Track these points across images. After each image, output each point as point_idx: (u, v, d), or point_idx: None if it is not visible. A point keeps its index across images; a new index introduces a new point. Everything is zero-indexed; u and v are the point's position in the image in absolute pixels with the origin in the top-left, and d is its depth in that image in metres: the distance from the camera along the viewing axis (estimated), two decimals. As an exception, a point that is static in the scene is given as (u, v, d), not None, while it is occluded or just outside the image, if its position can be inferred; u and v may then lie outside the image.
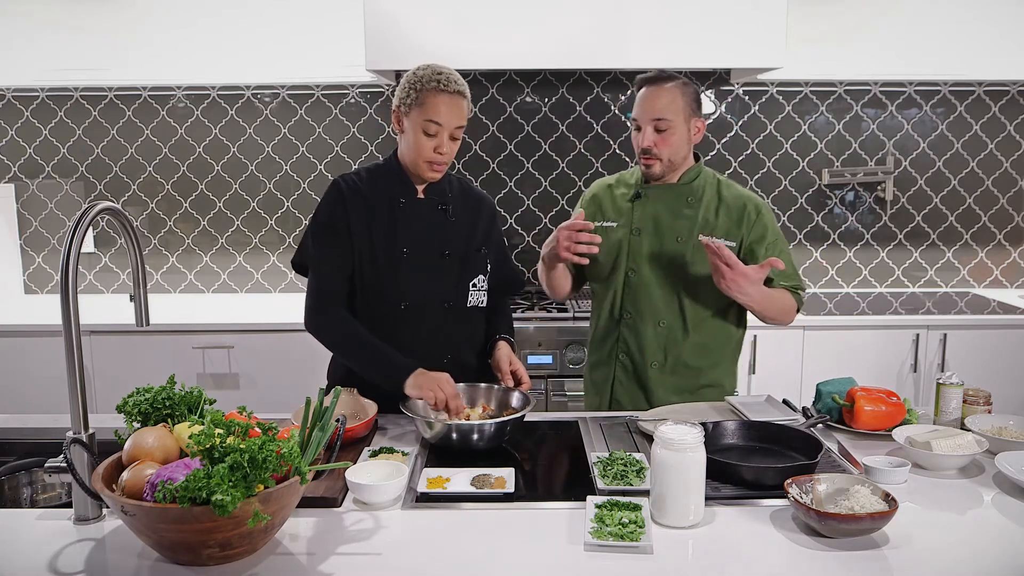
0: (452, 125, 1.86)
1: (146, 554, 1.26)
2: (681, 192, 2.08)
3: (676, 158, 2.03)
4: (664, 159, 2.02)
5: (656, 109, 1.98)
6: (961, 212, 3.65)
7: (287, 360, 3.02)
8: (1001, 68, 3.27)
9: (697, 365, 2.10)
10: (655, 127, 1.99)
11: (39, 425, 1.95)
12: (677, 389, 2.09)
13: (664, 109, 1.98)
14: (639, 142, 2.02)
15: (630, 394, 2.13)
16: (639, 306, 2.09)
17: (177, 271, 3.70)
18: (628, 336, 2.11)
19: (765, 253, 2.03)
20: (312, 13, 3.16)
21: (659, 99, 1.99)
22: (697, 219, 2.06)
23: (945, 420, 1.82)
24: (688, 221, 2.06)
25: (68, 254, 1.33)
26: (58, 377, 1.62)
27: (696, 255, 2.03)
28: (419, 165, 1.89)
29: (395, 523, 1.39)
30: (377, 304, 1.96)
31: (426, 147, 1.86)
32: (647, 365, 2.09)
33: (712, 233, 2.03)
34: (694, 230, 2.04)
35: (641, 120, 2.01)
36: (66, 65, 3.20)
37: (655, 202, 2.09)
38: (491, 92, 3.55)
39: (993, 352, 3.10)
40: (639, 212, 2.09)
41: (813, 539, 1.31)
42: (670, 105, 1.98)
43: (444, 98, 1.84)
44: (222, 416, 1.29)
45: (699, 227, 2.04)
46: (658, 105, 1.98)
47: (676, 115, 1.99)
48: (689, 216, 2.06)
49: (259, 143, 3.60)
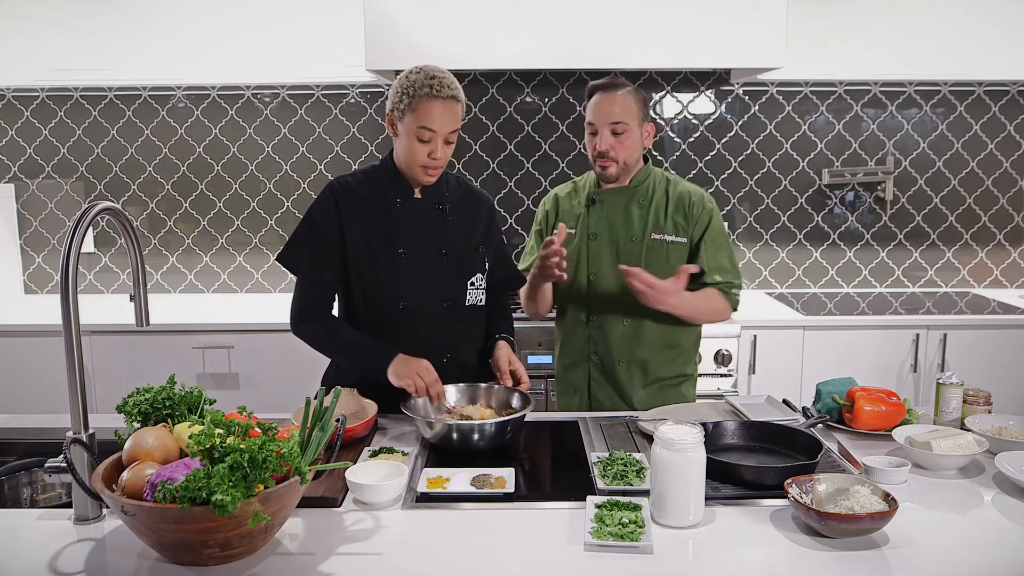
0: (446, 130, 1.85)
1: (146, 554, 1.26)
2: (633, 194, 2.16)
3: (631, 160, 2.11)
4: (620, 161, 2.09)
5: (612, 113, 2.06)
6: (961, 212, 3.65)
7: (287, 360, 3.02)
8: (1001, 68, 3.27)
9: (662, 358, 2.17)
10: (612, 130, 2.07)
11: (39, 425, 1.95)
12: (645, 383, 2.18)
13: (620, 113, 2.06)
14: (595, 145, 2.09)
15: (605, 391, 2.19)
16: (604, 308, 2.16)
17: (177, 271, 3.70)
18: (597, 337, 2.18)
19: (704, 246, 2.11)
20: (312, 13, 3.16)
21: (614, 103, 2.06)
22: (648, 218, 2.13)
23: (945, 420, 1.82)
24: (641, 221, 2.14)
25: (68, 254, 1.33)
26: (58, 377, 1.62)
27: (650, 253, 2.12)
28: (414, 170, 1.89)
29: (395, 523, 1.39)
30: (376, 305, 1.96)
31: (420, 153, 1.86)
32: (615, 363, 2.17)
33: (663, 231, 2.11)
34: (647, 229, 2.13)
35: (598, 123, 2.08)
36: (66, 65, 3.20)
37: (609, 206, 2.17)
38: (491, 92, 3.55)
39: (993, 352, 3.10)
40: (594, 217, 2.17)
41: (813, 539, 1.31)
42: (625, 109, 2.06)
43: (437, 104, 1.82)
44: (222, 416, 1.29)
45: (651, 226, 2.13)
46: (614, 109, 2.06)
47: (631, 119, 2.07)
48: (641, 216, 2.14)
49: (259, 143, 3.60)
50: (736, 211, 3.63)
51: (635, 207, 2.15)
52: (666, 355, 2.18)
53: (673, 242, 2.12)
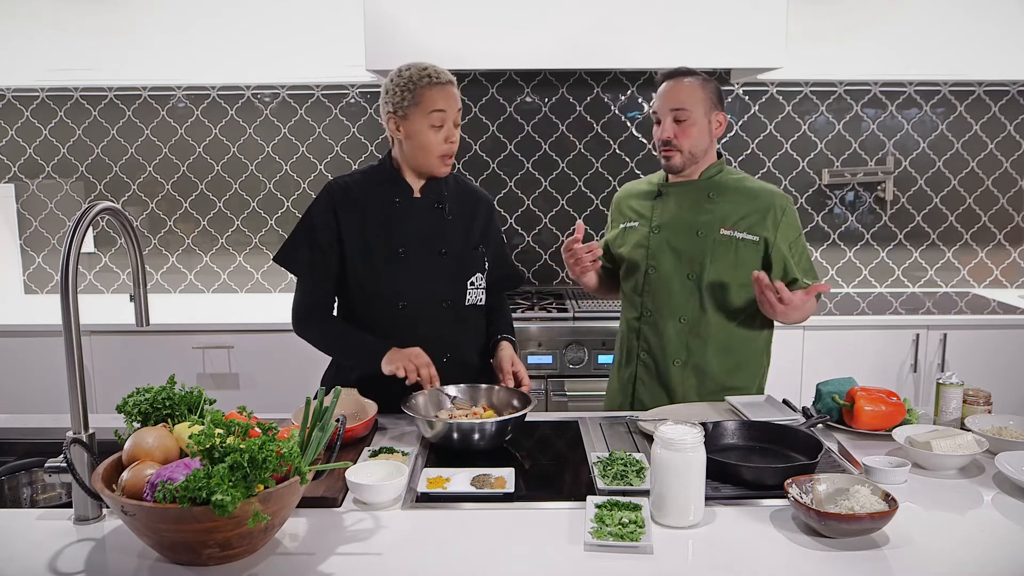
0: (454, 112, 1.89)
1: (146, 554, 1.26)
2: (702, 188, 2.08)
3: (696, 150, 2.04)
4: (684, 151, 2.03)
5: (675, 100, 2.01)
6: (961, 212, 3.65)
7: (287, 360, 3.02)
8: (1001, 68, 3.27)
9: (720, 366, 2.08)
10: (675, 118, 2.01)
11: (39, 425, 1.95)
12: (700, 391, 2.08)
13: (683, 100, 2.01)
14: (659, 135, 2.04)
15: (652, 394, 2.12)
16: (659, 303, 2.09)
17: (177, 271, 3.70)
18: (649, 334, 2.11)
19: (790, 251, 2.05)
20: (312, 13, 3.16)
21: (679, 91, 2.02)
22: (718, 214, 2.05)
23: (945, 420, 1.82)
24: (709, 216, 2.05)
25: (68, 254, 1.33)
26: (58, 377, 1.62)
27: (717, 251, 2.03)
28: (432, 163, 1.90)
29: (395, 523, 1.39)
30: (375, 305, 1.96)
31: (436, 141, 1.88)
32: (669, 364, 2.09)
33: (734, 227, 2.03)
34: (714, 225, 2.04)
35: (661, 112, 2.03)
36: (66, 65, 3.20)
37: (675, 199, 2.10)
38: (491, 92, 3.55)
39: (993, 352, 3.10)
40: (659, 209, 2.11)
41: (813, 539, 1.31)
42: (689, 96, 2.01)
43: (440, 89, 1.86)
44: (222, 416, 1.29)
45: (720, 221, 2.04)
46: (678, 96, 2.01)
47: (696, 106, 2.01)
48: (710, 211, 2.06)
49: (259, 143, 3.60)
50: (736, 211, 3.63)
51: (704, 201, 2.06)
52: (727, 362, 2.08)
53: (743, 239, 2.03)
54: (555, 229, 3.65)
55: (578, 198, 3.62)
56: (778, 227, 2.04)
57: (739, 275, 2.03)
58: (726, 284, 2.04)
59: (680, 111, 2.00)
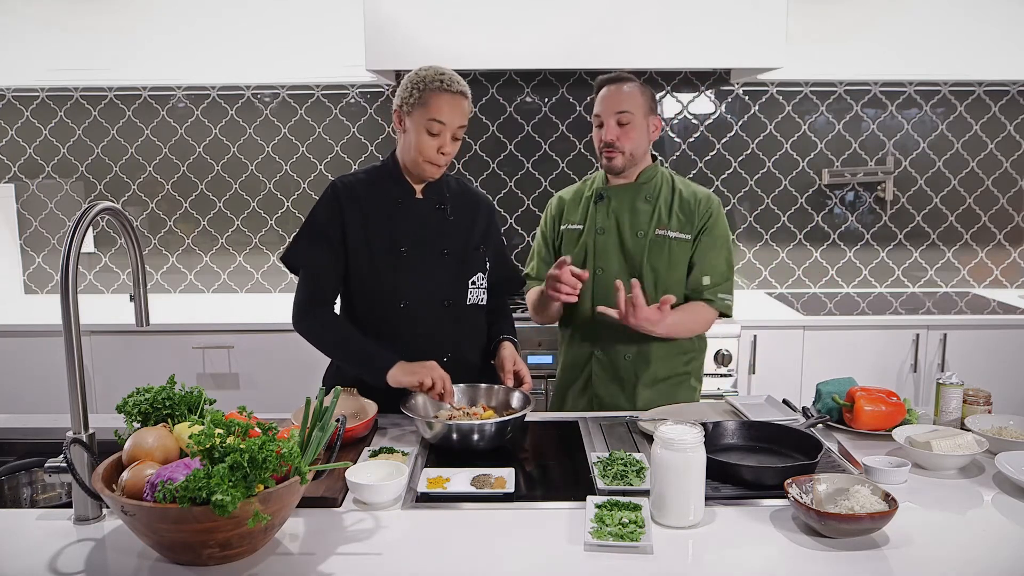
0: (455, 125, 1.87)
1: (146, 554, 1.26)
2: (640, 190, 2.16)
3: (637, 152, 2.12)
4: (626, 152, 2.10)
5: (618, 104, 2.08)
6: (961, 212, 3.65)
7: (287, 360, 3.02)
8: (1001, 68, 3.27)
9: (666, 353, 2.16)
10: (617, 120, 2.08)
11: (39, 425, 1.95)
12: (650, 380, 2.16)
13: (625, 103, 2.08)
14: (601, 137, 2.11)
15: (608, 389, 2.18)
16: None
17: (177, 271, 3.70)
18: (603, 332, 2.16)
19: (700, 244, 2.12)
20: (312, 13, 3.16)
21: (621, 95, 2.10)
22: (653, 214, 2.14)
23: (945, 420, 1.82)
24: (646, 216, 2.14)
25: (68, 254, 1.33)
26: (58, 377, 1.62)
27: (653, 249, 2.12)
28: (420, 164, 1.90)
29: (395, 523, 1.39)
30: (377, 304, 1.96)
31: (429, 147, 1.87)
32: (620, 358, 2.16)
33: (667, 228, 2.12)
34: (651, 225, 2.13)
35: (604, 115, 2.10)
36: (66, 65, 3.20)
37: (616, 201, 2.17)
38: (491, 92, 3.55)
39: (993, 352, 3.10)
40: (602, 212, 2.18)
41: (813, 539, 1.31)
42: (630, 101, 2.09)
43: (447, 98, 1.86)
44: (222, 416, 1.29)
45: (655, 221, 2.13)
46: (620, 100, 2.09)
47: (636, 110, 2.09)
48: (646, 211, 2.15)
49: (259, 143, 3.60)
50: (736, 211, 3.63)
51: (641, 203, 2.15)
52: (673, 349, 2.17)
53: (676, 239, 2.12)
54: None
55: (578, 198, 3.62)
56: (701, 226, 2.13)
57: (674, 273, 2.13)
58: (666, 280, 2.13)
59: (623, 114, 2.07)
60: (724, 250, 2.15)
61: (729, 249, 2.17)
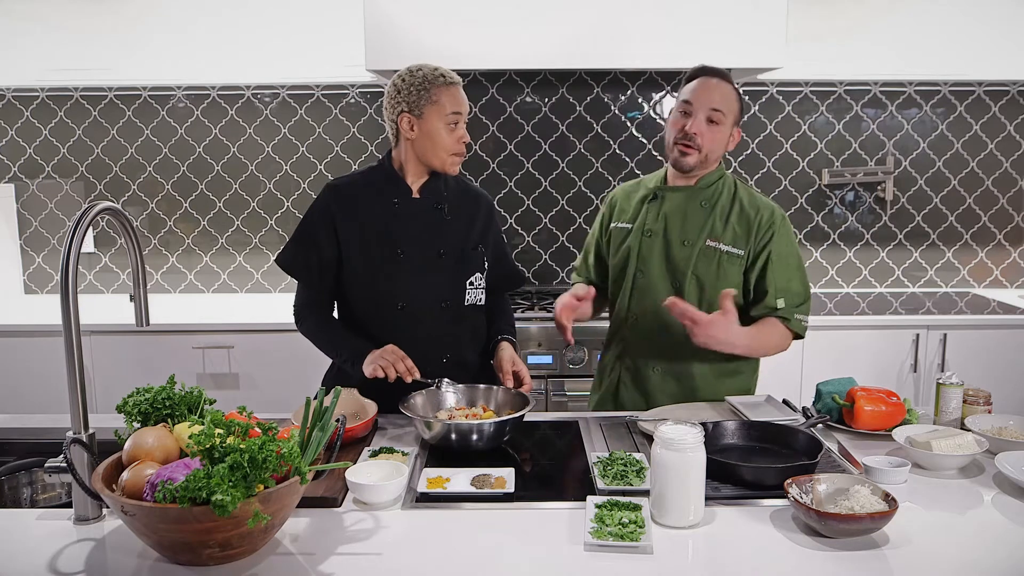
0: (466, 112, 1.93)
1: (146, 554, 1.26)
2: (697, 194, 2.03)
3: (713, 155, 1.98)
4: (703, 151, 1.95)
5: (714, 100, 1.93)
6: (961, 212, 3.65)
7: (287, 360, 3.02)
8: (1001, 68, 3.27)
9: (699, 373, 2.03)
10: (708, 116, 1.93)
11: (39, 425, 1.95)
12: (676, 398, 2.04)
13: (721, 101, 1.94)
14: (684, 126, 1.94)
15: (632, 399, 2.10)
16: (644, 308, 2.06)
17: (177, 271, 3.70)
18: (632, 339, 2.09)
19: (765, 266, 1.96)
20: (312, 13, 3.16)
21: (720, 90, 1.94)
22: (706, 223, 2.00)
23: (945, 420, 1.82)
24: (697, 224, 2.01)
25: (68, 254, 1.33)
26: (58, 377, 1.62)
27: (701, 260, 1.99)
28: (444, 160, 1.92)
29: (395, 523, 1.39)
30: (375, 306, 1.97)
31: (451, 140, 1.91)
32: (648, 370, 2.07)
33: (720, 239, 1.98)
34: (701, 233, 2.00)
35: (697, 105, 1.93)
36: (66, 65, 3.20)
37: (670, 203, 2.04)
38: (491, 92, 3.55)
39: (993, 352, 3.10)
40: (652, 213, 2.06)
41: (813, 539, 1.31)
42: (728, 101, 1.95)
43: (454, 89, 1.90)
44: (222, 416, 1.29)
45: (707, 231, 1.99)
46: (717, 96, 1.93)
47: (730, 114, 1.95)
48: (699, 219, 2.01)
49: (259, 143, 3.60)
50: (736, 211, 3.63)
51: (696, 208, 2.01)
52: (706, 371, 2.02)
53: (728, 252, 1.97)
54: (555, 229, 3.65)
55: (578, 198, 3.62)
56: (760, 241, 1.97)
57: (721, 287, 1.94)
58: (709, 295, 1.97)
59: (716, 112, 1.93)
60: (797, 270, 1.98)
61: (802, 268, 2.00)
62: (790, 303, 1.96)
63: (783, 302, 1.95)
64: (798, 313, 1.97)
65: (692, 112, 1.94)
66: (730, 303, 1.83)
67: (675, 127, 1.97)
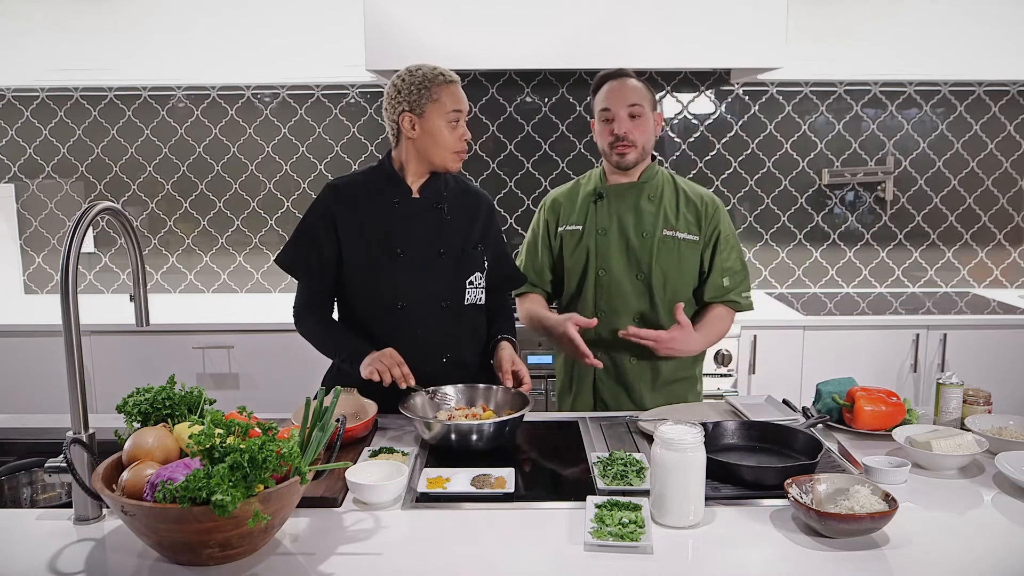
0: (466, 110, 1.94)
1: (146, 554, 1.26)
2: (642, 189, 2.13)
3: (648, 146, 2.10)
4: (639, 145, 2.07)
5: (629, 96, 2.05)
6: (961, 212, 3.65)
7: (287, 360, 3.02)
8: (1001, 68, 3.27)
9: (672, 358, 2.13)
10: (629, 113, 2.05)
11: (39, 425, 1.95)
12: (654, 382, 2.15)
13: (635, 96, 2.05)
14: (612, 131, 2.06)
15: (612, 391, 2.17)
16: (614, 303, 2.14)
17: (177, 271, 3.70)
18: (605, 334, 2.14)
19: (719, 248, 2.12)
20: (312, 13, 3.16)
21: (629, 88, 2.06)
22: (659, 214, 2.12)
23: (945, 420, 1.82)
24: (652, 217, 2.12)
25: (68, 254, 1.33)
26: (58, 377, 1.62)
27: (662, 250, 2.10)
28: (447, 158, 1.94)
29: (395, 523, 1.39)
30: (375, 306, 1.97)
31: (454, 138, 1.92)
32: (625, 361, 2.14)
33: (675, 228, 2.11)
34: (657, 224, 2.11)
35: (614, 108, 2.05)
36: (66, 65, 3.20)
37: (617, 200, 2.14)
38: (491, 92, 3.55)
39: (993, 352, 3.10)
40: (603, 212, 2.15)
41: (813, 539, 1.31)
42: (639, 94, 2.06)
43: (454, 88, 1.91)
44: (222, 416, 1.29)
45: (662, 222, 2.11)
46: (630, 92, 2.06)
47: (645, 103, 2.07)
48: (652, 212, 2.12)
49: (259, 143, 3.60)
50: (736, 211, 3.63)
51: (645, 202, 2.13)
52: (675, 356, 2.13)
53: (685, 240, 2.11)
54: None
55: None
56: (709, 225, 2.13)
57: (683, 273, 2.12)
58: (673, 280, 2.12)
59: (634, 107, 2.04)
60: (736, 249, 2.16)
61: (739, 247, 2.18)
62: (734, 282, 2.15)
63: (728, 281, 2.14)
64: (743, 291, 2.17)
65: (613, 116, 2.06)
66: (683, 315, 2.00)
67: (604, 135, 2.10)
